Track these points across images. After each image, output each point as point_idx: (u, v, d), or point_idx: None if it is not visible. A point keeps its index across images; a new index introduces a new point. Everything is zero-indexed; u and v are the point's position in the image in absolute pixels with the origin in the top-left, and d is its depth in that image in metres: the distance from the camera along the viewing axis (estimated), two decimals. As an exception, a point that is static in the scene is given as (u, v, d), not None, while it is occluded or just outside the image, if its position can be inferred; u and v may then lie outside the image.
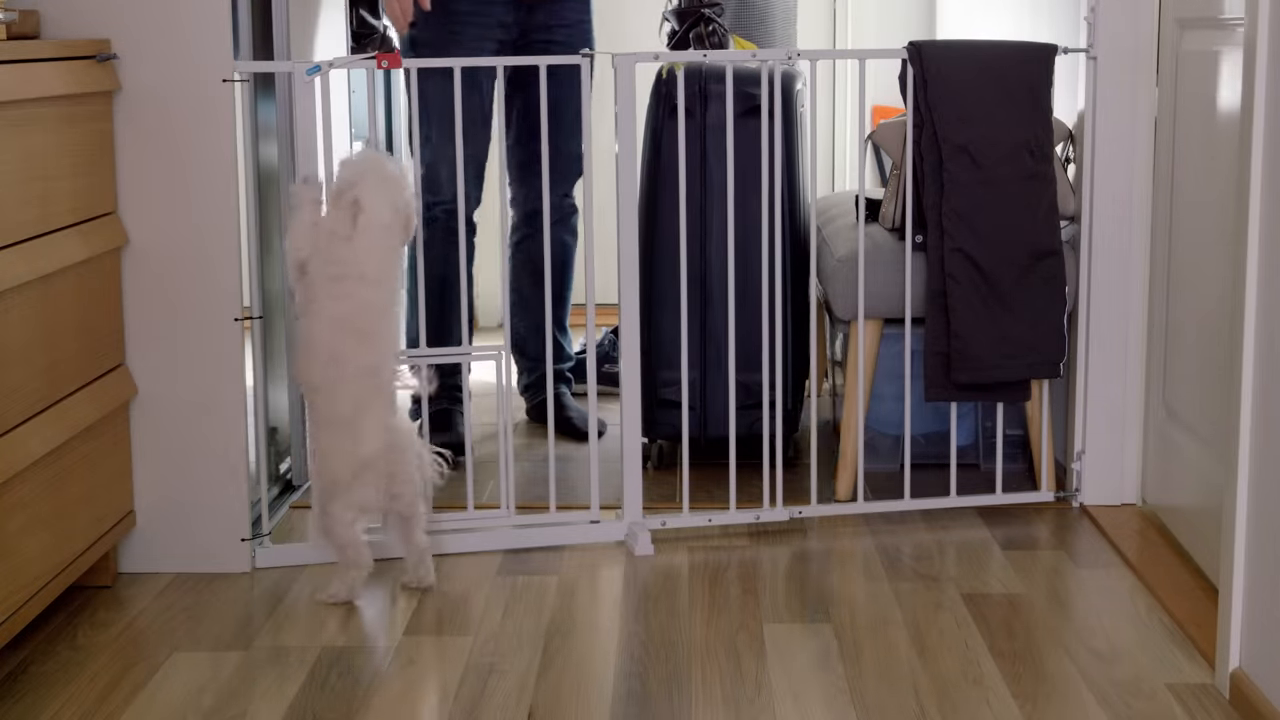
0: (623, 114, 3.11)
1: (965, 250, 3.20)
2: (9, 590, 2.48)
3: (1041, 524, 3.31)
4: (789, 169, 3.49)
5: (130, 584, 2.97)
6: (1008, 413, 3.51)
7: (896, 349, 3.50)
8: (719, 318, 3.49)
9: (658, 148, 3.50)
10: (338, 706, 2.45)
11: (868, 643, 2.68)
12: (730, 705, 2.45)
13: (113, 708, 2.45)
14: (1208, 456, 2.92)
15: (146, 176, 2.92)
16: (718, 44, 3.68)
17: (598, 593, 2.94)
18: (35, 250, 2.56)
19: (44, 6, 2.83)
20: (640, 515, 3.20)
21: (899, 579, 2.99)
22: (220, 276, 2.94)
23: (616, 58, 3.12)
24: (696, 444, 3.54)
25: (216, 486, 2.99)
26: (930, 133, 3.20)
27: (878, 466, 3.60)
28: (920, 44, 3.23)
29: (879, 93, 4.49)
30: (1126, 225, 3.30)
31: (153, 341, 2.96)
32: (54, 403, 2.65)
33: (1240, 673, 2.43)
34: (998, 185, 3.20)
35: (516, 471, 3.66)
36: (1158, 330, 3.25)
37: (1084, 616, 2.81)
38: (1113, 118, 3.27)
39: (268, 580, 2.99)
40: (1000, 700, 2.46)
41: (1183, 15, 3.10)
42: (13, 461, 2.46)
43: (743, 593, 2.92)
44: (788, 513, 3.26)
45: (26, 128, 2.54)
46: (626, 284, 3.14)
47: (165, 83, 2.89)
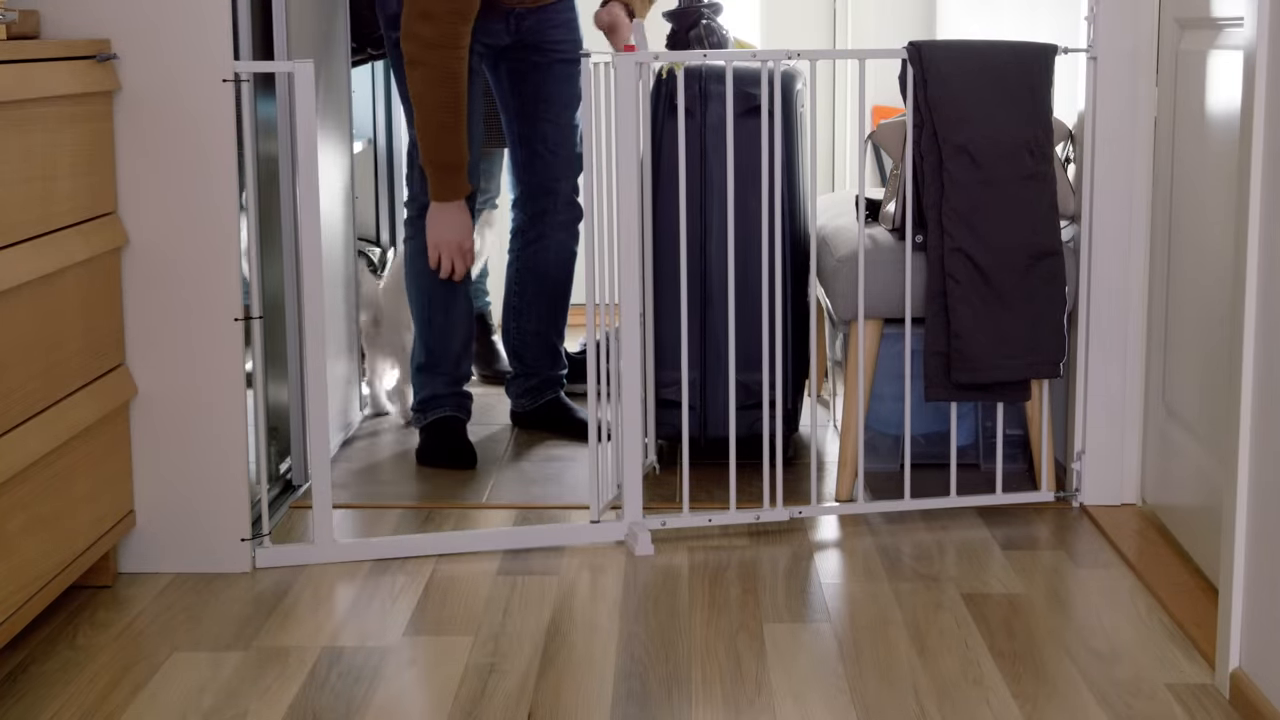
0: (623, 114, 3.11)
1: (965, 250, 3.20)
2: (9, 590, 2.48)
3: (1041, 524, 3.31)
4: (789, 169, 3.49)
5: (130, 584, 2.97)
6: (1008, 413, 3.51)
7: (896, 349, 3.51)
8: (719, 318, 3.49)
9: (658, 148, 3.50)
10: (338, 706, 2.45)
11: (868, 643, 2.68)
12: (730, 705, 2.45)
13: (113, 708, 2.45)
14: (1208, 456, 2.92)
15: (146, 176, 2.92)
16: (717, 44, 3.68)
17: (598, 593, 2.94)
18: (35, 250, 2.56)
19: (44, 6, 2.83)
20: (640, 515, 3.20)
21: (899, 579, 2.99)
22: (220, 276, 2.94)
23: (616, 57, 3.13)
24: (696, 444, 3.54)
25: (216, 486, 2.99)
26: (930, 133, 3.20)
27: (878, 466, 3.60)
28: (920, 44, 3.23)
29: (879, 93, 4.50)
30: (1126, 225, 3.30)
31: (153, 341, 2.96)
32: (54, 403, 2.65)
33: (1240, 673, 2.43)
34: (998, 185, 3.20)
35: (516, 472, 3.67)
36: (1158, 330, 3.25)
37: (1084, 616, 2.81)
38: (1113, 118, 3.27)
39: (268, 580, 2.99)
40: (1000, 700, 2.46)
41: (1182, 15, 3.10)
42: (13, 461, 2.46)
43: (743, 593, 2.92)
44: (788, 513, 3.26)
45: (26, 128, 2.54)
46: (627, 284, 3.14)
47: (165, 83, 2.89)
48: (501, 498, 3.47)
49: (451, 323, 3.73)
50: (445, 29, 3.45)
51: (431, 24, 3.44)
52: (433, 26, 3.44)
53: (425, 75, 3.46)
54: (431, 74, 3.46)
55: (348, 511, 3.38)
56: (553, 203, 3.85)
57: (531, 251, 3.90)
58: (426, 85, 3.48)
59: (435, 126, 3.51)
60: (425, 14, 3.44)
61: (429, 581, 2.99)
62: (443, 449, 3.70)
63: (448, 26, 3.45)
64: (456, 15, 3.45)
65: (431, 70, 3.46)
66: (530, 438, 3.95)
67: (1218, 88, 2.89)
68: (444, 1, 3.43)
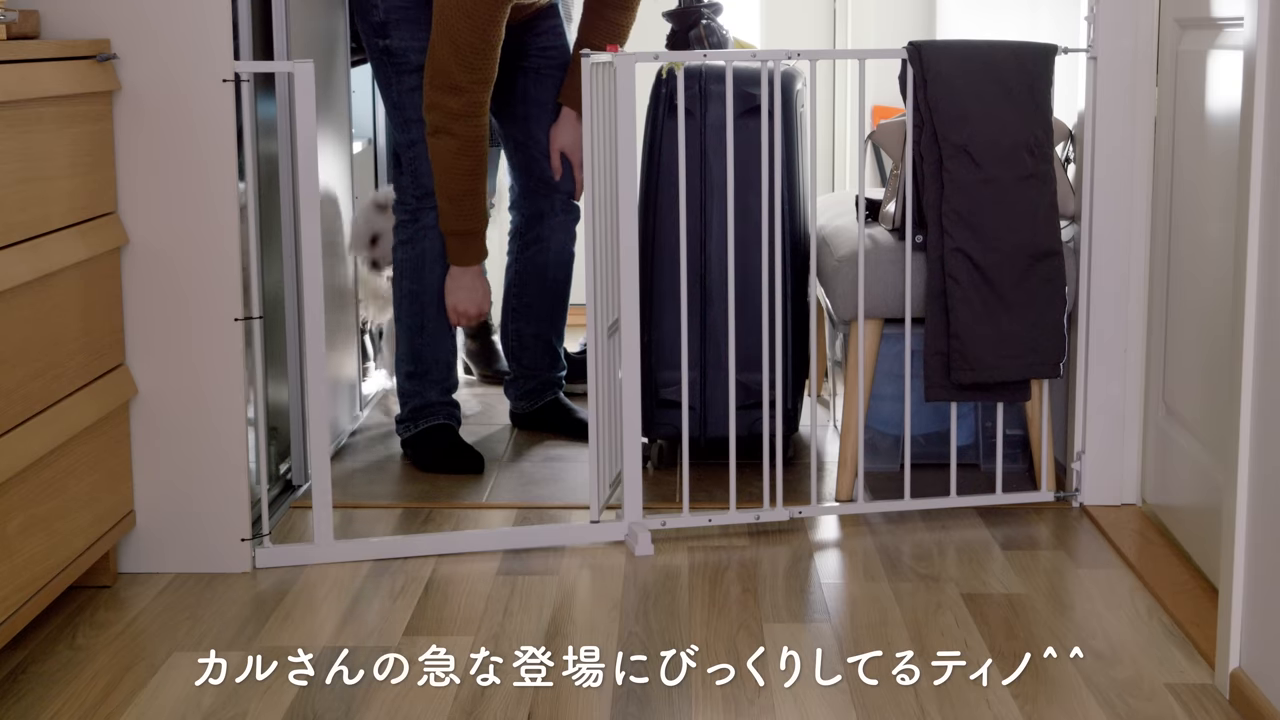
0: (623, 114, 3.11)
1: (965, 250, 3.20)
2: (9, 590, 2.48)
3: (1041, 524, 3.31)
4: (789, 169, 3.49)
5: (130, 584, 2.97)
6: (1008, 413, 3.51)
7: (896, 349, 3.50)
8: (719, 318, 3.49)
9: (658, 148, 3.50)
10: (338, 706, 2.45)
11: (868, 643, 2.68)
12: (730, 705, 2.45)
13: (113, 708, 2.45)
14: (1208, 456, 2.92)
15: (146, 176, 2.92)
16: (717, 44, 3.68)
17: (598, 593, 2.94)
18: (35, 250, 2.56)
19: (44, 6, 2.83)
20: (640, 515, 3.20)
21: (899, 579, 2.99)
22: (220, 276, 2.94)
23: (616, 58, 3.12)
24: (696, 444, 3.54)
25: (216, 486, 2.99)
26: (930, 133, 3.20)
27: (878, 466, 3.60)
28: (920, 44, 3.22)
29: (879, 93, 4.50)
30: (1126, 225, 3.30)
31: (153, 341, 2.96)
32: (54, 403, 2.65)
33: (1240, 673, 2.43)
34: (998, 185, 3.20)
35: (516, 472, 3.67)
36: (1158, 330, 3.25)
37: (1084, 616, 2.81)
38: (1113, 118, 3.27)
39: (268, 580, 2.99)
40: (1000, 700, 2.46)
41: (1182, 15, 3.10)
42: (12, 461, 2.46)
43: (743, 593, 2.92)
44: (788, 513, 3.26)
45: (26, 128, 2.54)
46: (627, 284, 3.14)
47: (165, 83, 2.89)
48: (501, 498, 3.47)
49: (443, 328, 3.72)
50: (472, 99, 3.44)
51: (459, 96, 3.42)
52: (460, 98, 3.43)
53: (451, 145, 3.45)
54: (457, 144, 3.45)
55: (348, 511, 3.38)
56: (550, 204, 3.84)
57: (531, 253, 3.90)
58: (452, 155, 3.46)
59: (458, 194, 3.51)
60: (453, 87, 3.41)
61: (429, 581, 2.99)
62: (445, 456, 3.67)
63: (474, 95, 3.44)
64: (483, 84, 3.45)
65: (457, 140, 3.45)
66: (530, 438, 3.95)
67: (1218, 88, 2.89)
68: (471, 71, 3.41)
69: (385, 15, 3.55)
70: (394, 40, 3.56)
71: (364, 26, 3.63)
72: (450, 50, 3.40)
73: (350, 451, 3.85)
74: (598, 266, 3.16)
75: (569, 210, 3.87)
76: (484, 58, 3.42)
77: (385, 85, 3.63)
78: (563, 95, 3.72)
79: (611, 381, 3.21)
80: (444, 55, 3.41)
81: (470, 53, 3.39)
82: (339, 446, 3.84)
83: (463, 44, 3.39)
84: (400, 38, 3.56)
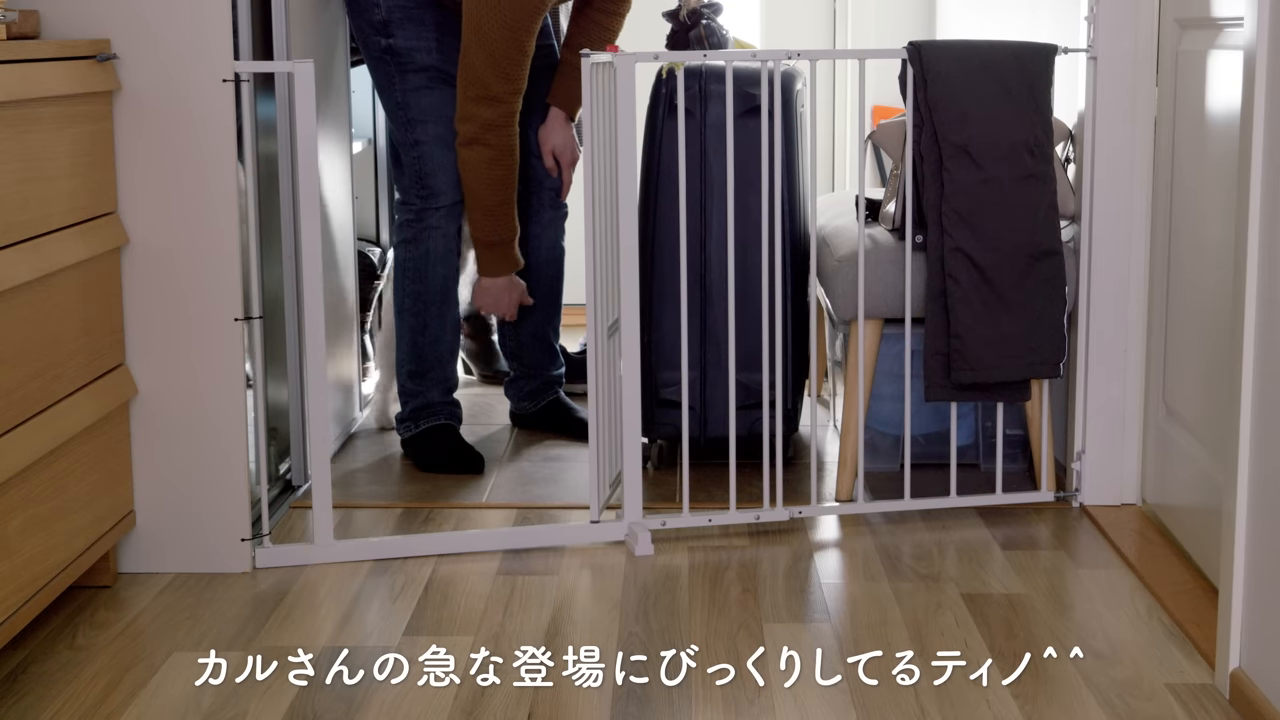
0: (623, 114, 3.11)
1: (965, 250, 3.20)
2: (9, 590, 2.48)
3: (1041, 524, 3.31)
4: (789, 169, 3.49)
5: (130, 584, 2.97)
6: (1008, 413, 3.51)
7: (896, 349, 3.51)
8: (719, 318, 3.49)
9: (658, 148, 3.50)
10: (338, 706, 2.45)
11: (868, 643, 2.68)
12: (730, 705, 2.45)
13: (113, 708, 2.45)
14: (1208, 456, 2.92)
15: (146, 176, 2.92)
16: (717, 44, 3.68)
17: (598, 593, 2.94)
18: (35, 250, 2.56)
19: (44, 6, 2.83)
20: (640, 515, 3.20)
21: (899, 579, 2.99)
22: (220, 276, 2.94)
23: (616, 58, 3.12)
24: (696, 444, 3.54)
25: (216, 486, 2.99)
26: (930, 133, 3.20)
27: (878, 466, 3.60)
28: (920, 44, 3.22)
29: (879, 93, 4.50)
30: (1126, 225, 3.30)
31: (153, 341, 2.96)
32: (54, 403, 2.65)
33: (1240, 673, 2.43)
34: (998, 185, 3.20)
35: (516, 471, 3.67)
36: (1158, 330, 3.25)
37: (1084, 616, 2.81)
38: (1113, 118, 3.27)
39: (268, 580, 2.99)
40: (1000, 700, 2.46)
41: (1182, 15, 3.10)
42: (12, 461, 2.46)
43: (743, 593, 2.92)
44: (788, 513, 3.26)
45: (26, 128, 2.54)
46: (627, 284, 3.14)
47: (165, 83, 2.89)
48: (501, 498, 3.47)
49: (445, 328, 3.71)
50: (507, 109, 3.44)
51: (495, 106, 3.42)
52: (496, 109, 3.42)
53: (484, 155, 3.44)
54: (491, 154, 3.45)
55: (348, 511, 3.38)
56: (539, 202, 3.84)
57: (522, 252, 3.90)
58: (486, 165, 3.45)
59: (491, 205, 3.50)
60: (490, 98, 3.40)
61: (429, 581, 2.99)
62: (446, 456, 3.67)
63: (509, 105, 3.44)
64: (517, 94, 3.44)
65: (491, 150, 3.45)
66: (530, 438, 3.95)
67: (1218, 88, 2.89)
68: (507, 81, 3.40)
69: (387, 14, 3.55)
70: (398, 39, 3.56)
71: (363, 26, 3.62)
72: (487, 60, 3.39)
73: (350, 451, 3.85)
74: (598, 266, 3.16)
75: (557, 207, 3.87)
76: (520, 67, 3.42)
77: (387, 85, 3.62)
78: (551, 96, 3.72)
79: (612, 381, 3.21)
80: (480, 66, 3.40)
81: (507, 63, 3.39)
82: (339, 446, 3.85)
83: (499, 54, 3.38)
84: (404, 37, 3.56)
